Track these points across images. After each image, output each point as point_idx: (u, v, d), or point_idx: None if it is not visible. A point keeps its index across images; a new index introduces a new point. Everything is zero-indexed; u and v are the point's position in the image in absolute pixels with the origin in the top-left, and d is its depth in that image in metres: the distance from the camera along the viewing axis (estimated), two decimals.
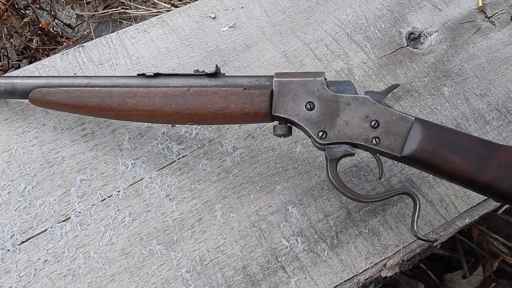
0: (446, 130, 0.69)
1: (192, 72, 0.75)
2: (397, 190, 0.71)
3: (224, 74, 0.75)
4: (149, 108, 0.74)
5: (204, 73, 0.74)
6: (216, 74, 0.74)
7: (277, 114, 0.71)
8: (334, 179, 0.70)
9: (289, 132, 0.72)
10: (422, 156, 0.68)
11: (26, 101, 0.80)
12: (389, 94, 0.91)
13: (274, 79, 0.71)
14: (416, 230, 0.68)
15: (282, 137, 0.73)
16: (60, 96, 0.76)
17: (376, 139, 0.69)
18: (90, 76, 0.77)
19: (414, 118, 0.69)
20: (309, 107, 0.70)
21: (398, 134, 0.68)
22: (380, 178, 0.72)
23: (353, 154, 0.71)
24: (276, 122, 0.73)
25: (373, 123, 0.69)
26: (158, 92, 0.73)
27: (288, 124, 0.72)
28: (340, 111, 0.69)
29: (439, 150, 0.67)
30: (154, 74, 0.75)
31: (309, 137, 0.71)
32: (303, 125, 0.70)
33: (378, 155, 0.71)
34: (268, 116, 0.72)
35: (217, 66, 0.74)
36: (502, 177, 0.66)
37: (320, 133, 0.70)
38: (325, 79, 0.71)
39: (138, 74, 0.76)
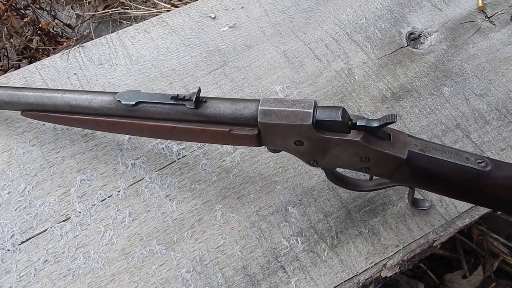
0: (437, 166, 0.66)
1: (171, 99, 0.69)
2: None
3: (205, 99, 0.69)
4: (141, 135, 0.75)
5: (184, 103, 0.68)
6: (196, 106, 0.68)
7: (267, 146, 0.70)
8: (333, 182, 0.75)
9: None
10: (409, 184, 0.71)
11: None
12: (389, 94, 0.92)
13: (259, 120, 0.65)
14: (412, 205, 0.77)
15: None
16: (52, 121, 0.77)
17: (366, 169, 0.68)
18: (68, 93, 0.74)
19: (405, 158, 0.65)
20: (298, 143, 0.67)
21: (387, 167, 0.67)
22: (370, 180, 0.75)
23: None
24: None
25: (363, 159, 0.66)
26: (145, 126, 0.71)
27: None
28: (330, 149, 0.66)
29: (426, 184, 0.69)
30: (132, 104, 0.70)
31: None
32: (293, 155, 0.70)
33: None
34: (258, 146, 0.70)
35: (198, 92, 0.68)
36: (482, 201, 0.70)
37: (311, 161, 0.69)
38: (315, 108, 0.64)
39: (116, 98, 0.71)
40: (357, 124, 0.64)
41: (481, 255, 1.15)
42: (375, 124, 0.63)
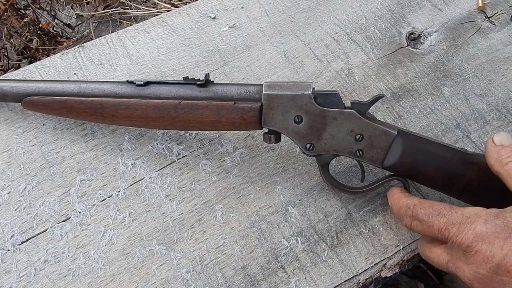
0: (426, 144, 0.72)
1: (182, 80, 0.75)
2: (387, 175, 0.76)
3: (214, 81, 0.76)
4: (143, 119, 0.75)
5: (194, 82, 0.74)
6: (206, 83, 0.74)
7: (267, 127, 0.74)
8: (327, 181, 0.76)
9: (278, 140, 0.76)
10: (401, 169, 0.73)
11: None
12: (389, 94, 0.92)
13: (263, 92, 0.72)
14: None
15: (272, 144, 0.76)
16: (53, 106, 0.76)
17: (360, 152, 0.73)
18: (81, 81, 0.78)
19: (396, 133, 0.71)
20: (297, 120, 0.72)
21: (381, 147, 0.72)
22: (362, 181, 0.77)
23: (340, 155, 0.75)
24: (265, 129, 0.75)
25: (357, 137, 0.72)
26: (150, 105, 0.74)
27: (277, 133, 0.75)
28: (326, 125, 0.72)
29: (417, 165, 0.72)
30: (144, 83, 0.75)
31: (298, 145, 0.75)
32: (291, 138, 0.74)
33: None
34: (258, 127, 0.74)
35: (207, 74, 0.74)
36: (471, 188, 0.72)
37: (308, 145, 0.73)
38: (313, 88, 0.73)
39: (128, 81, 0.76)
40: (350, 102, 0.73)
41: None
42: (366, 102, 0.73)
